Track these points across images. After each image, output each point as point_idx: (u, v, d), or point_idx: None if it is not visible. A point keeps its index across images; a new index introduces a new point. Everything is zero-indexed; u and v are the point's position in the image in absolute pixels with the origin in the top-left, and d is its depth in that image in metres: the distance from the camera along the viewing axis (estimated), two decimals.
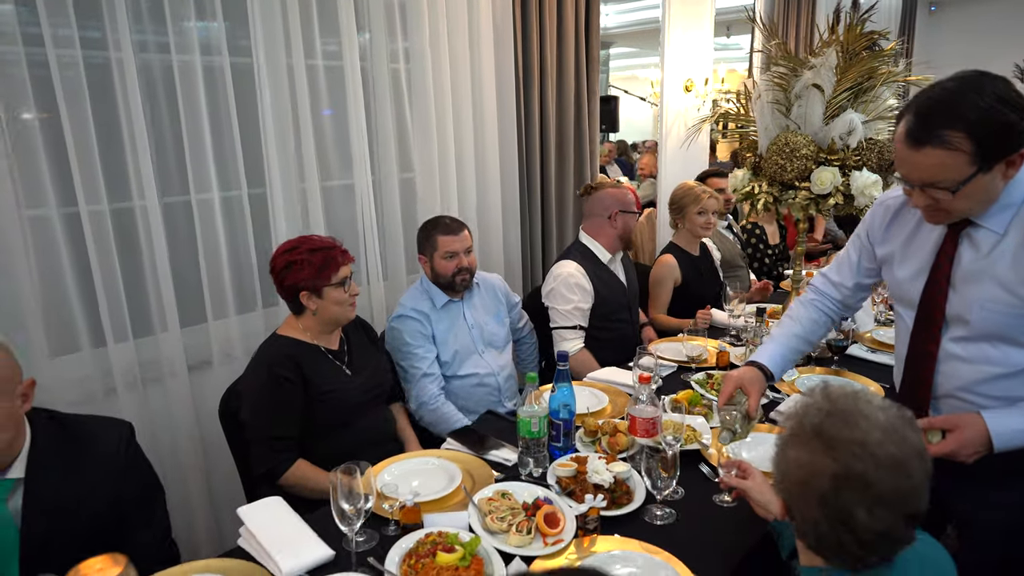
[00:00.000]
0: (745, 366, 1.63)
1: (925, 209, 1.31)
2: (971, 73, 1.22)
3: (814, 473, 0.93)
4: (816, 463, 0.93)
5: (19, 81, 1.87)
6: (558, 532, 1.43)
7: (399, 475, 1.66)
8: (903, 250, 1.46)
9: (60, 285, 2.01)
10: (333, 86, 2.59)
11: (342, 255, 1.98)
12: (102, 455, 1.42)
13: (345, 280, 1.95)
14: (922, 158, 1.22)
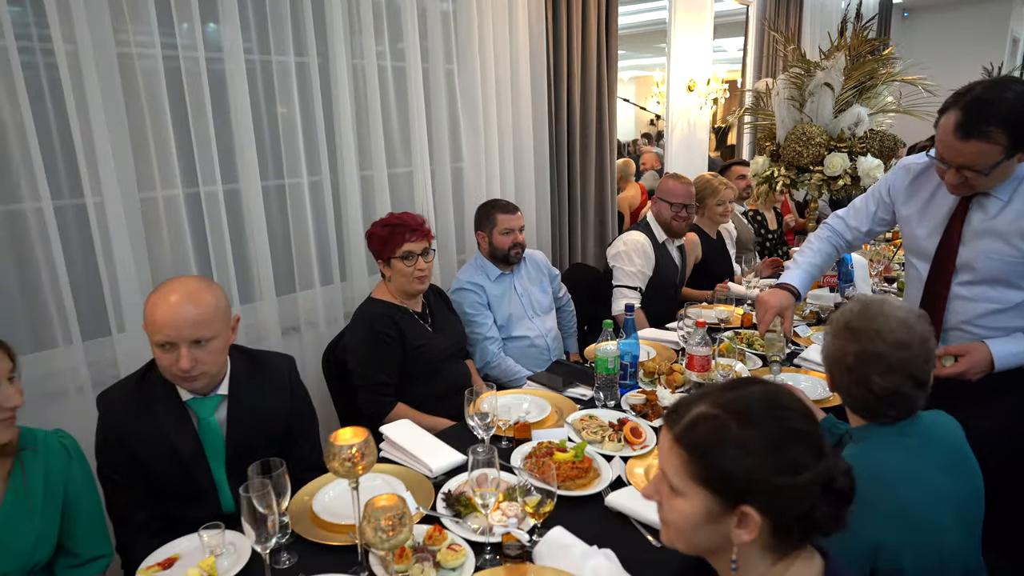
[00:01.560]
0: (775, 288, 1.99)
1: (954, 186, 1.66)
2: (1002, 77, 1.60)
3: (844, 353, 1.29)
4: (845, 346, 1.29)
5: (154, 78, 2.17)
6: (642, 441, 1.78)
7: (499, 406, 1.99)
8: (921, 212, 1.83)
9: (183, 257, 2.31)
10: (399, 85, 2.91)
11: (410, 232, 2.23)
12: (278, 380, 1.74)
13: (410, 254, 2.22)
14: (966, 147, 1.56)
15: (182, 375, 1.54)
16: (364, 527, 1.19)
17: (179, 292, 1.53)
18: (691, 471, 0.90)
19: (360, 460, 1.24)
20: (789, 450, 0.87)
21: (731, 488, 0.88)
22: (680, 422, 0.93)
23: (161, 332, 1.50)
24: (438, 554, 1.31)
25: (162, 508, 1.63)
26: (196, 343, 1.52)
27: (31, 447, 1.41)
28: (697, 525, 0.91)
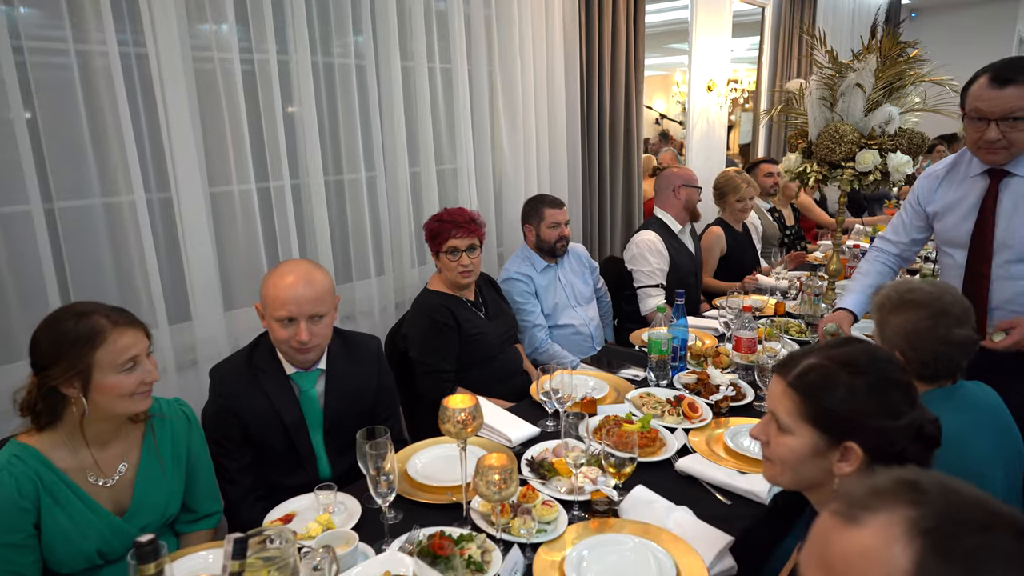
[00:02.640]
0: (836, 311, 2.13)
1: (990, 145, 1.80)
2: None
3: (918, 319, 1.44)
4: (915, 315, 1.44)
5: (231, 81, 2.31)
6: (699, 415, 1.93)
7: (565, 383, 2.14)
8: (951, 204, 2.00)
9: (254, 248, 2.45)
10: (446, 86, 3.06)
11: (456, 228, 2.36)
12: (368, 357, 1.89)
13: (454, 250, 2.35)
14: (1003, 94, 1.73)
15: (299, 347, 1.70)
16: (477, 482, 1.34)
17: (296, 273, 1.69)
18: (802, 411, 1.06)
19: (471, 423, 1.39)
20: (889, 396, 1.02)
21: (837, 426, 1.03)
22: (793, 371, 1.09)
23: (284, 308, 1.66)
24: (534, 509, 1.45)
25: (266, 474, 1.78)
26: (312, 318, 1.68)
27: (159, 414, 1.55)
28: (804, 459, 1.07)
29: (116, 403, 1.36)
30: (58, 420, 1.37)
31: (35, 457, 1.35)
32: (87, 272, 2.10)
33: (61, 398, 1.35)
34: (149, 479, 1.50)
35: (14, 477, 1.31)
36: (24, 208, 1.94)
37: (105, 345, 1.33)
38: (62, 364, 1.30)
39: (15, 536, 1.31)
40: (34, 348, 1.34)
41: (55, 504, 1.35)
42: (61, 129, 1.99)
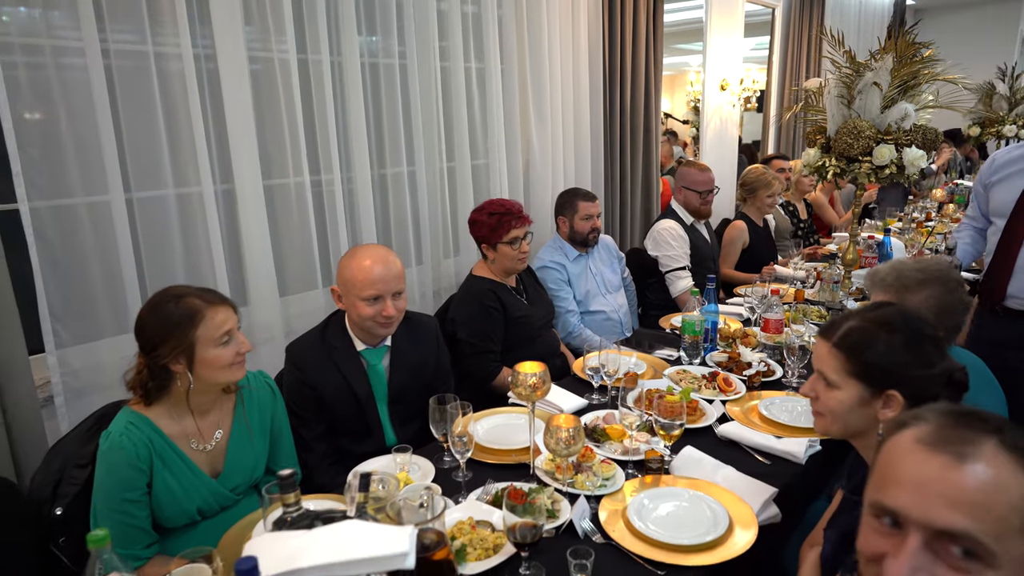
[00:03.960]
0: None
1: None
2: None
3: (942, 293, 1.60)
4: (942, 290, 1.61)
5: (288, 80, 2.47)
6: (733, 388, 2.08)
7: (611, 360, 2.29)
8: (1005, 180, 2.44)
9: (307, 237, 2.61)
10: (481, 85, 3.21)
11: (515, 219, 2.53)
12: (428, 336, 2.05)
13: (516, 239, 2.52)
14: None
15: (384, 321, 1.87)
16: (547, 440, 1.49)
17: (374, 256, 1.86)
18: (847, 368, 1.21)
19: (540, 386, 1.55)
20: (923, 349, 1.18)
21: (879, 378, 1.19)
22: (836, 333, 1.25)
23: (372, 288, 1.83)
24: (594, 467, 1.61)
25: (338, 442, 1.93)
26: (395, 295, 1.86)
27: (247, 386, 1.70)
28: (852, 409, 1.22)
29: (217, 374, 1.52)
30: (166, 394, 1.52)
31: (147, 424, 1.50)
32: (160, 258, 2.25)
33: (169, 374, 1.50)
34: (240, 445, 1.65)
35: (132, 442, 1.46)
36: (104, 198, 2.09)
37: (204, 323, 1.48)
38: (169, 343, 1.45)
39: (133, 493, 1.46)
40: (141, 332, 1.49)
41: (164, 466, 1.51)
42: (140, 125, 2.15)
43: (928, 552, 0.73)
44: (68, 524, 1.62)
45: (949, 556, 0.72)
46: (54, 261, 2.02)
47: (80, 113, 2.01)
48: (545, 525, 1.29)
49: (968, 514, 0.71)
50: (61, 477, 1.65)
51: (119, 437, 1.46)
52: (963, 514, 0.71)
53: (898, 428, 0.82)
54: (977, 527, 0.70)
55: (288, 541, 1.02)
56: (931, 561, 0.73)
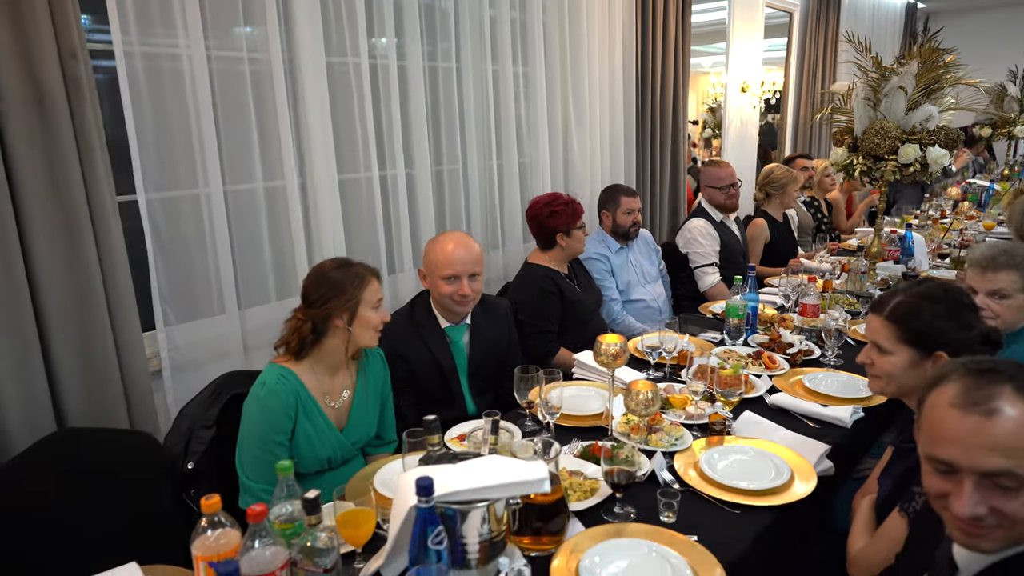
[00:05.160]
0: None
1: None
2: None
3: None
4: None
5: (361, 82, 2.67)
6: (777, 365, 2.29)
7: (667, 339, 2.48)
8: None
9: (373, 228, 2.81)
10: (527, 87, 3.42)
11: (580, 209, 2.80)
12: (501, 316, 2.27)
13: (583, 227, 2.78)
14: None
15: (460, 300, 2.08)
16: (628, 403, 1.70)
17: (455, 240, 2.08)
18: (898, 336, 1.43)
19: (621, 355, 1.76)
20: (962, 315, 1.40)
21: (927, 342, 1.41)
22: (887, 307, 1.47)
23: (450, 268, 2.05)
24: (664, 428, 1.81)
25: (424, 409, 2.13)
26: (472, 276, 2.07)
27: (365, 355, 1.92)
28: (905, 371, 1.44)
29: (366, 334, 1.75)
30: (314, 349, 1.73)
31: (294, 377, 1.71)
32: (249, 246, 2.46)
33: (329, 328, 1.72)
34: (360, 405, 1.87)
35: (284, 390, 1.68)
36: (205, 191, 2.30)
37: (368, 287, 1.73)
38: (340, 299, 1.69)
39: (281, 436, 1.68)
40: (314, 288, 1.73)
41: (305, 416, 1.72)
42: (235, 125, 2.36)
43: (981, 488, 0.93)
44: (197, 478, 1.84)
45: (998, 487, 0.93)
46: (163, 247, 2.23)
47: (187, 114, 2.22)
48: (638, 471, 1.50)
49: (1004, 455, 0.91)
50: (190, 437, 1.87)
51: (275, 385, 1.67)
52: (1001, 456, 0.91)
53: (931, 387, 1.02)
54: (1014, 463, 0.91)
55: (442, 471, 1.22)
56: (985, 494, 0.93)
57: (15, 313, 1.82)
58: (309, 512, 1.14)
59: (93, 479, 1.69)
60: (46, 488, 1.62)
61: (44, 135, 1.84)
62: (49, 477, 1.63)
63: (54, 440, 1.69)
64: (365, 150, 2.74)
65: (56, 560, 1.59)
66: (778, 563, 1.60)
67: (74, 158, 1.90)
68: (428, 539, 1.10)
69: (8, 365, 1.81)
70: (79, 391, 1.97)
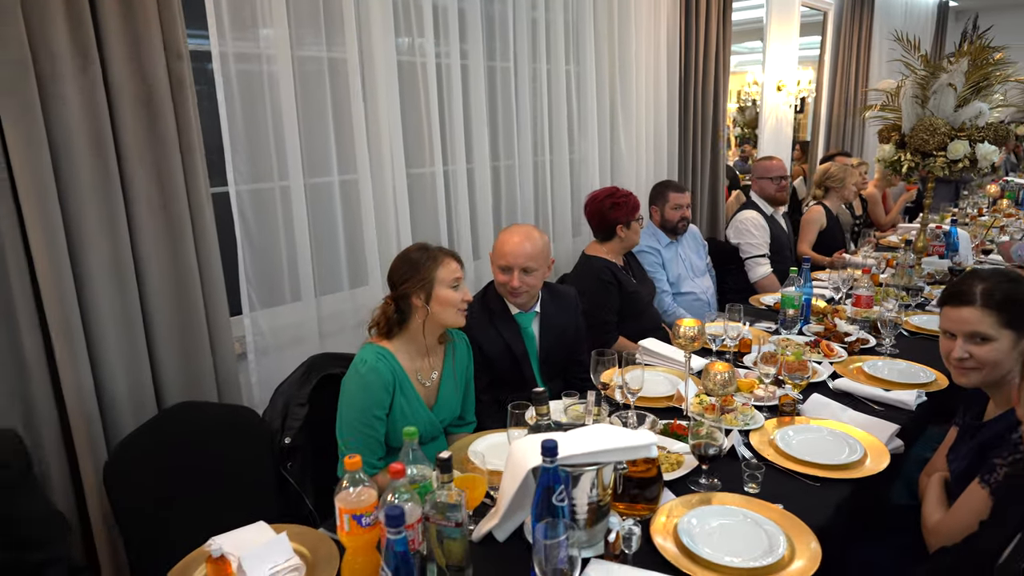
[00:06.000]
0: None
1: None
2: None
3: None
4: None
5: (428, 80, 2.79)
6: (835, 353, 2.37)
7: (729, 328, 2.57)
8: None
9: (436, 221, 2.92)
10: (578, 86, 3.52)
11: (637, 202, 2.90)
12: (569, 304, 2.37)
13: (640, 219, 2.88)
14: None
15: (510, 291, 2.17)
16: (705, 382, 1.80)
17: (521, 233, 2.16)
18: (1000, 321, 1.51)
19: (698, 338, 1.85)
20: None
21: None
22: (975, 297, 1.54)
23: (504, 259, 2.14)
24: (737, 409, 1.91)
25: (497, 393, 2.24)
26: (525, 270, 2.15)
27: (453, 340, 2.03)
28: (1007, 354, 1.52)
29: (446, 313, 1.85)
30: (402, 330, 1.84)
31: (391, 356, 1.83)
32: (326, 236, 2.58)
33: (410, 307, 1.83)
34: (448, 386, 1.98)
35: (384, 368, 1.79)
36: (286, 183, 2.42)
37: (442, 266, 1.83)
38: (415, 279, 1.80)
39: (380, 411, 1.79)
40: (395, 271, 1.85)
41: (401, 393, 1.83)
42: (314, 121, 2.48)
43: None
44: (293, 452, 1.96)
45: None
46: (250, 237, 2.35)
47: (273, 111, 2.34)
48: (723, 445, 1.60)
49: None
50: (286, 414, 1.99)
51: (375, 363, 1.78)
52: None
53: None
54: None
55: (558, 437, 1.32)
56: None
57: (124, 301, 1.94)
58: (443, 471, 1.25)
59: (206, 448, 1.82)
60: (170, 452, 1.75)
61: (151, 131, 1.97)
62: (171, 443, 1.77)
63: (173, 411, 1.83)
64: (430, 145, 2.85)
65: (180, 519, 1.70)
66: (853, 532, 1.69)
67: (176, 153, 2.02)
68: (552, 496, 1.20)
69: (117, 347, 1.94)
70: (175, 372, 2.10)
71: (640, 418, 1.51)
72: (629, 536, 1.30)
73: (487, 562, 1.33)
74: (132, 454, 1.71)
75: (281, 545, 1.33)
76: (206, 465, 1.80)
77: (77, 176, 1.82)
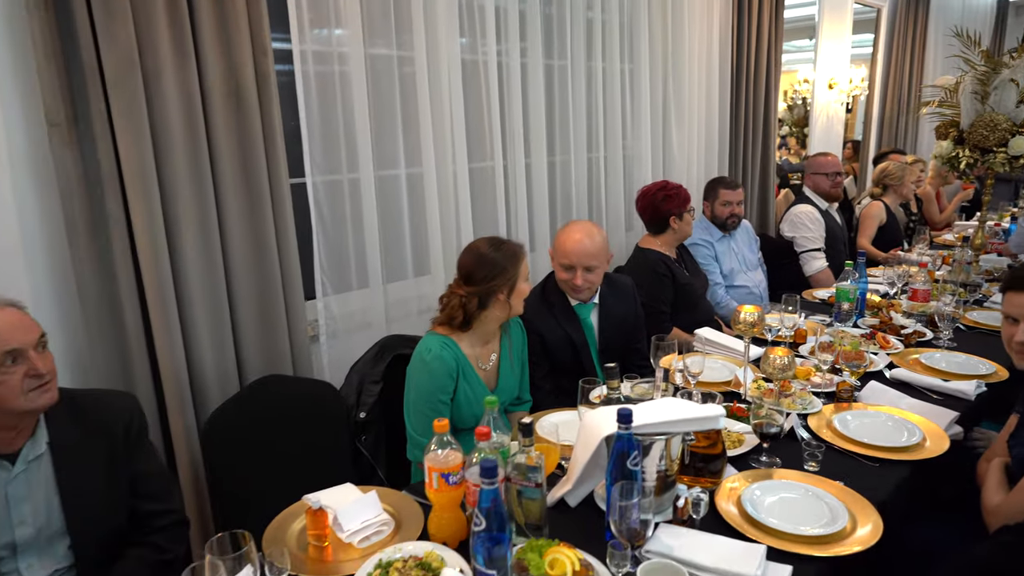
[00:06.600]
0: None
1: None
2: None
3: None
4: None
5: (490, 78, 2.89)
6: (892, 345, 2.39)
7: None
8: None
9: (494, 213, 3.03)
10: (633, 84, 3.59)
11: (688, 194, 2.95)
12: (627, 293, 2.44)
13: (692, 210, 2.94)
14: None
15: (574, 288, 2.24)
16: (764, 366, 1.85)
17: (582, 231, 2.22)
18: None
19: (758, 324, 1.91)
20: None
21: None
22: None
23: (567, 257, 2.21)
24: (795, 394, 1.96)
25: (557, 381, 2.32)
26: (587, 268, 2.22)
27: (507, 324, 2.12)
28: None
29: (520, 304, 1.95)
30: (475, 322, 1.94)
31: (455, 345, 1.92)
32: (392, 226, 2.70)
33: (490, 303, 1.91)
34: (505, 369, 2.07)
35: (447, 356, 1.88)
36: (356, 175, 2.55)
37: (522, 262, 1.93)
38: (504, 276, 1.88)
39: (444, 395, 1.89)
40: (477, 269, 1.90)
41: (463, 379, 1.93)
42: (384, 116, 2.60)
43: None
44: (367, 426, 2.08)
45: None
46: (324, 225, 2.49)
47: (345, 105, 2.47)
48: (784, 424, 1.66)
49: None
50: (360, 390, 2.11)
51: (440, 351, 1.88)
52: None
53: None
54: None
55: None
56: None
57: (213, 283, 2.09)
58: (525, 435, 1.34)
59: (289, 417, 1.95)
60: (257, 420, 1.90)
61: (238, 124, 2.11)
62: (258, 412, 1.91)
63: (259, 384, 1.96)
64: (491, 140, 2.95)
65: (264, 481, 1.83)
66: (912, 512, 1.73)
67: (260, 144, 2.16)
68: (627, 461, 1.28)
69: (206, 324, 2.08)
70: (255, 350, 2.23)
71: (705, 397, 1.58)
72: (697, 502, 1.38)
73: (561, 525, 1.42)
74: (225, 421, 1.86)
75: (372, 502, 1.44)
76: (288, 433, 1.93)
77: (174, 165, 1.97)
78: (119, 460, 1.46)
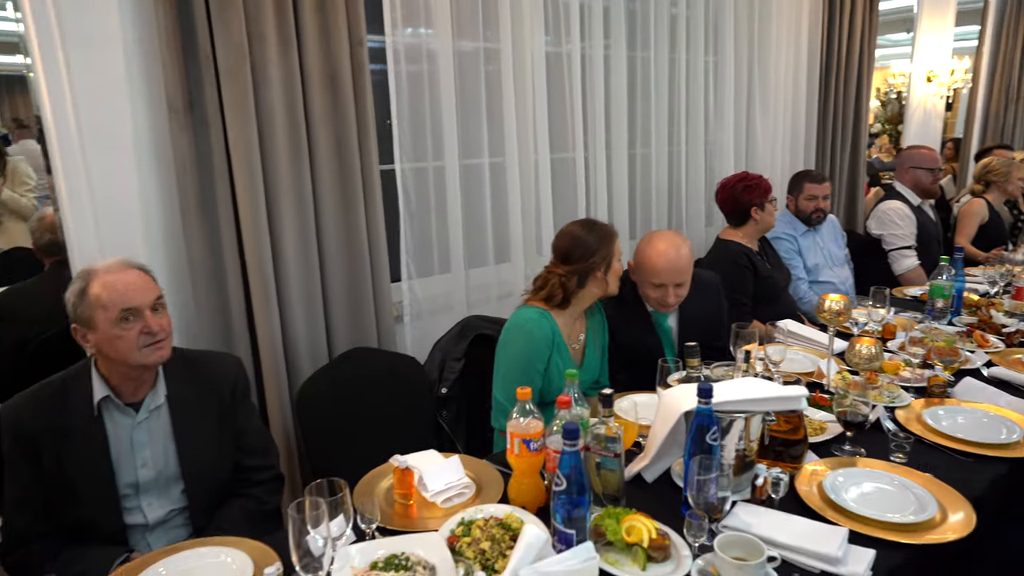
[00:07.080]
0: None
1: None
2: None
3: None
4: None
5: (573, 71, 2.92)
6: (991, 344, 2.28)
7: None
8: None
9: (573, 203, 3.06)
10: (716, 76, 3.55)
11: (769, 184, 2.90)
12: (710, 292, 2.39)
13: (774, 200, 2.88)
14: None
15: (665, 305, 2.19)
16: (849, 356, 1.82)
17: (671, 244, 2.14)
18: None
19: (844, 312, 1.87)
20: None
21: None
22: None
23: (658, 276, 2.13)
24: (883, 386, 1.90)
25: (632, 373, 2.31)
26: (678, 286, 2.17)
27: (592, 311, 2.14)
28: None
29: (615, 282, 2.01)
30: (573, 300, 1.98)
31: (551, 319, 1.97)
32: (475, 213, 2.77)
33: (588, 281, 1.96)
34: (591, 348, 2.11)
35: (545, 326, 1.94)
36: (442, 163, 2.64)
37: (615, 242, 1.99)
38: (600, 254, 1.94)
39: (539, 364, 1.94)
40: (575, 249, 1.95)
41: (556, 352, 1.97)
42: (469, 107, 2.68)
43: None
44: (448, 401, 2.16)
45: None
46: (411, 210, 2.59)
47: (432, 96, 2.56)
48: (870, 416, 1.62)
49: None
50: (443, 367, 2.19)
51: (539, 320, 1.94)
52: None
53: None
54: None
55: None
56: None
57: (307, 261, 2.21)
58: (605, 406, 1.38)
59: (375, 388, 2.06)
60: (346, 388, 2.01)
61: (334, 111, 2.22)
62: (347, 381, 2.03)
63: (348, 355, 2.08)
64: (572, 132, 2.99)
65: (351, 444, 1.94)
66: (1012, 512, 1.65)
67: (353, 131, 2.27)
68: (706, 435, 1.30)
69: (300, 299, 2.20)
70: (344, 326, 2.34)
71: (787, 383, 1.56)
72: (777, 482, 1.37)
73: (638, 498, 1.44)
74: (315, 389, 1.97)
75: (455, 466, 1.51)
76: (373, 403, 2.04)
77: (276, 151, 2.10)
78: (227, 415, 1.59)
